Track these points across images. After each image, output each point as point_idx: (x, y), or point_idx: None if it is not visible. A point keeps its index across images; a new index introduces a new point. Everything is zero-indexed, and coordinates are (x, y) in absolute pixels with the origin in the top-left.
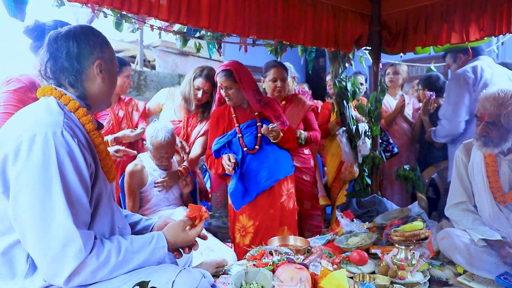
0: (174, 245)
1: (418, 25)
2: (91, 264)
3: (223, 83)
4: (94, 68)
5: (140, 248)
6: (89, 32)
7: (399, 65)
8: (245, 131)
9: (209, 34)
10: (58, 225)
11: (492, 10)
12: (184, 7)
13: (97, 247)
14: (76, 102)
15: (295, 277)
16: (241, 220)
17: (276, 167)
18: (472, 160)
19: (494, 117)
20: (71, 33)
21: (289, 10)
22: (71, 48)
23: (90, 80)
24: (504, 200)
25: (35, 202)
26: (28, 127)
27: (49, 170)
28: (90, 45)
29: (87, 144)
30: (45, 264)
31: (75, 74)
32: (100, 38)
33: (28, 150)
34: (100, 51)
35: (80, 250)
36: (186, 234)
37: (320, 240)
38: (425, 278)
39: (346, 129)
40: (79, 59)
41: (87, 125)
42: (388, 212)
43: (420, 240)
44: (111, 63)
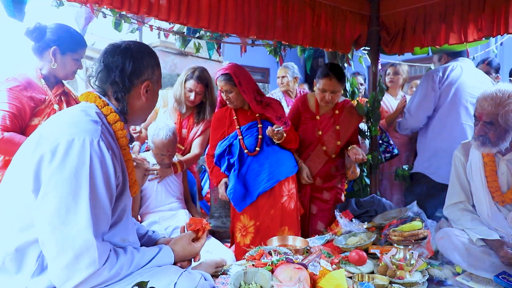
0: (181, 258)
1: (417, 26)
2: (101, 276)
3: (223, 87)
4: (142, 88)
5: (149, 262)
6: (145, 52)
7: (399, 65)
8: (246, 133)
9: (208, 34)
10: (78, 233)
11: (490, 11)
12: (184, 7)
13: (110, 260)
14: (117, 115)
15: (294, 277)
16: (242, 219)
17: (276, 168)
18: (470, 159)
19: (492, 117)
20: (129, 51)
21: (288, 10)
22: (127, 65)
23: (135, 98)
24: (502, 199)
25: (61, 206)
26: (68, 131)
27: (80, 177)
28: (144, 65)
29: (119, 156)
30: (57, 269)
31: (123, 90)
32: (153, 60)
33: (65, 154)
34: (151, 73)
35: (94, 262)
36: (192, 247)
37: (319, 240)
38: (423, 277)
39: None
40: (131, 78)
41: (121, 139)
42: (387, 212)
43: (419, 240)
44: (157, 84)
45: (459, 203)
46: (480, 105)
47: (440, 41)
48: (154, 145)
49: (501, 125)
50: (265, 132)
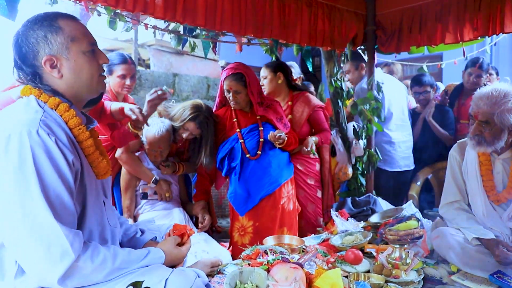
0: (168, 262)
1: (413, 25)
2: (85, 268)
3: (232, 87)
4: (46, 67)
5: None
6: (30, 27)
7: (393, 65)
8: (247, 136)
9: (204, 33)
10: (40, 227)
11: (485, 11)
12: (180, 5)
13: (91, 250)
14: (56, 99)
15: (289, 277)
16: (241, 220)
17: (278, 172)
18: (466, 159)
19: (488, 116)
20: (15, 37)
21: (285, 9)
22: (16, 56)
23: (50, 77)
24: (497, 199)
25: (14, 205)
26: (3, 128)
27: (26, 171)
28: (31, 43)
29: (70, 141)
30: (33, 269)
31: (32, 79)
32: (43, 30)
33: (4, 152)
34: (46, 46)
35: (67, 251)
36: (179, 251)
37: (315, 239)
38: (419, 276)
39: (339, 129)
40: (27, 64)
41: (71, 121)
42: (383, 211)
43: (415, 239)
44: (67, 51)
45: (455, 202)
46: (475, 104)
47: (436, 40)
48: (146, 140)
49: (496, 124)
50: (266, 136)
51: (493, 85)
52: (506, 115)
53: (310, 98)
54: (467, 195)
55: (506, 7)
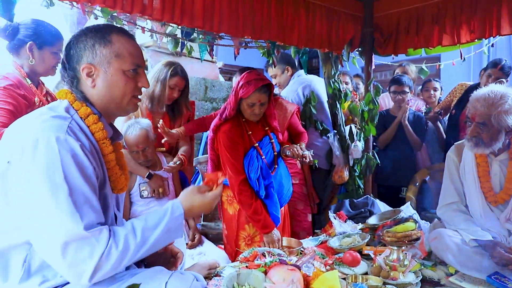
0: (191, 211)
1: (410, 27)
2: (112, 256)
3: (261, 99)
4: (82, 72)
5: (157, 223)
6: (84, 33)
7: (408, 65)
8: (264, 150)
9: (200, 37)
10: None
11: (482, 13)
12: (178, 7)
13: (112, 238)
14: (88, 109)
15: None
16: (247, 229)
17: (287, 181)
18: (463, 160)
19: (485, 118)
20: (71, 39)
21: (282, 11)
22: (64, 54)
23: (84, 85)
24: (495, 200)
25: (42, 208)
26: (31, 132)
27: (54, 175)
28: (79, 48)
29: (94, 151)
30: (65, 271)
31: (70, 80)
32: (95, 39)
33: (32, 155)
34: (92, 54)
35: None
36: (203, 197)
37: (313, 241)
38: (417, 278)
39: (337, 131)
40: (70, 65)
41: (97, 134)
42: (381, 213)
43: (412, 241)
44: (107, 65)
45: (452, 203)
46: (473, 106)
47: (433, 42)
48: (126, 143)
49: (493, 126)
50: (277, 148)
51: (490, 87)
52: (503, 117)
53: (284, 103)
54: (465, 196)
55: (502, 9)
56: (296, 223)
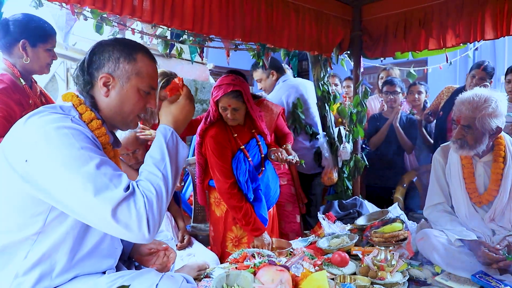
0: (177, 122)
1: (398, 31)
2: (153, 201)
3: (232, 104)
4: (98, 81)
5: (161, 153)
6: (115, 44)
7: (391, 69)
8: (250, 152)
9: (191, 39)
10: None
11: (467, 18)
12: (168, 9)
13: (142, 187)
14: (92, 113)
15: (275, 279)
16: (234, 230)
17: (275, 183)
18: (449, 162)
19: (470, 121)
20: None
21: (272, 13)
22: (87, 57)
23: (98, 92)
24: (479, 201)
25: (77, 188)
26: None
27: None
28: (104, 57)
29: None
30: (125, 233)
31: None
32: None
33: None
34: (114, 66)
35: (136, 203)
36: (177, 104)
37: (302, 242)
38: (404, 278)
39: (326, 133)
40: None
41: (100, 138)
42: (369, 214)
43: (399, 241)
44: (126, 80)
45: (439, 204)
46: (458, 109)
47: (420, 46)
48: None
49: (478, 129)
50: (263, 149)
51: (474, 91)
52: (487, 120)
53: (269, 105)
54: (451, 197)
55: (486, 15)
56: (285, 224)
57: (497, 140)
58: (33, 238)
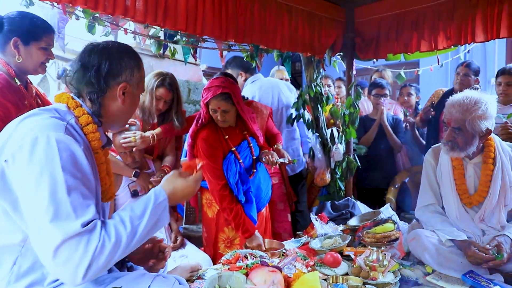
0: (174, 195)
1: (390, 33)
2: (106, 249)
3: (221, 107)
4: (118, 90)
5: (143, 211)
6: (124, 52)
7: (384, 71)
8: (242, 154)
9: (184, 39)
10: (64, 230)
11: (458, 21)
12: (161, 9)
13: (104, 230)
14: (89, 117)
15: (268, 280)
16: (226, 231)
17: (266, 185)
18: (440, 163)
19: (460, 123)
20: (107, 50)
21: (265, 14)
22: (103, 65)
23: (111, 100)
24: (469, 201)
25: (39, 206)
26: (29, 131)
27: (53, 173)
28: (121, 66)
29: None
30: (58, 270)
31: (98, 91)
32: (133, 61)
33: (30, 153)
34: (130, 75)
35: (88, 244)
36: (185, 181)
37: (295, 242)
38: (396, 278)
39: (319, 134)
40: (107, 78)
41: (93, 143)
42: (362, 215)
43: (391, 241)
44: (137, 88)
45: (430, 205)
46: (448, 111)
47: (412, 48)
48: (113, 144)
49: (468, 131)
50: (255, 151)
51: (465, 93)
52: (477, 122)
53: (259, 106)
54: (441, 198)
55: (476, 18)
56: (277, 224)
57: (487, 141)
58: (20, 245)
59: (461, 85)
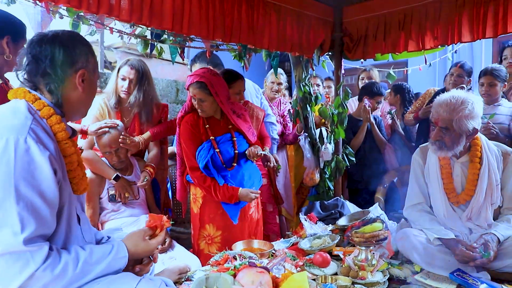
0: (134, 255)
1: (378, 33)
2: (44, 278)
3: (196, 95)
4: (77, 78)
5: (99, 259)
6: (76, 39)
7: (371, 70)
8: (221, 145)
9: (171, 38)
10: (6, 241)
11: (445, 21)
12: (147, 8)
13: (52, 259)
14: (51, 109)
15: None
16: (208, 229)
17: (250, 184)
18: (428, 163)
19: (447, 122)
20: (58, 38)
21: (253, 14)
22: (56, 54)
23: (71, 89)
24: (457, 200)
25: None
26: None
27: (4, 181)
28: (76, 53)
29: (56, 152)
30: None
31: (56, 81)
32: (86, 48)
33: None
34: (86, 61)
35: (27, 263)
36: (147, 244)
37: (284, 243)
38: (384, 277)
39: (308, 134)
40: (63, 67)
41: (60, 134)
42: (351, 214)
43: (380, 241)
44: (93, 74)
45: (418, 204)
46: (436, 111)
47: (400, 48)
48: (98, 144)
49: (455, 130)
50: (239, 146)
51: (451, 93)
52: (464, 121)
53: (254, 107)
54: (429, 197)
55: (463, 18)
56: (266, 225)
57: (474, 141)
58: None
59: (454, 85)
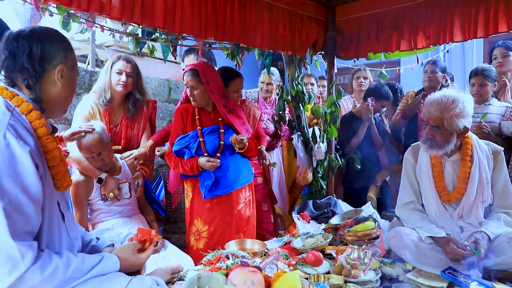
0: (124, 268)
1: (370, 32)
2: (33, 279)
3: (189, 82)
4: (56, 73)
5: (90, 268)
6: (54, 35)
7: (364, 70)
8: (207, 136)
9: (163, 37)
10: None
11: (436, 21)
12: (138, 6)
13: (42, 261)
14: (30, 105)
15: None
16: (196, 224)
17: (235, 177)
18: (419, 161)
19: (438, 121)
20: (36, 34)
21: (245, 12)
22: (34, 49)
23: (50, 85)
24: (448, 199)
25: None
26: None
27: None
28: (54, 48)
29: (37, 148)
30: None
31: (35, 76)
32: (64, 43)
33: None
34: (64, 56)
35: (17, 263)
36: (137, 258)
37: (277, 242)
38: (377, 276)
39: (301, 133)
40: (42, 62)
41: (40, 130)
42: (343, 213)
43: (372, 240)
44: (72, 69)
45: (410, 203)
46: (427, 110)
47: (392, 47)
48: (79, 148)
49: (446, 129)
50: (226, 138)
51: (443, 92)
52: (455, 120)
53: (250, 106)
54: (421, 195)
55: (454, 18)
56: (261, 225)
57: (465, 139)
58: None
59: (429, 81)
